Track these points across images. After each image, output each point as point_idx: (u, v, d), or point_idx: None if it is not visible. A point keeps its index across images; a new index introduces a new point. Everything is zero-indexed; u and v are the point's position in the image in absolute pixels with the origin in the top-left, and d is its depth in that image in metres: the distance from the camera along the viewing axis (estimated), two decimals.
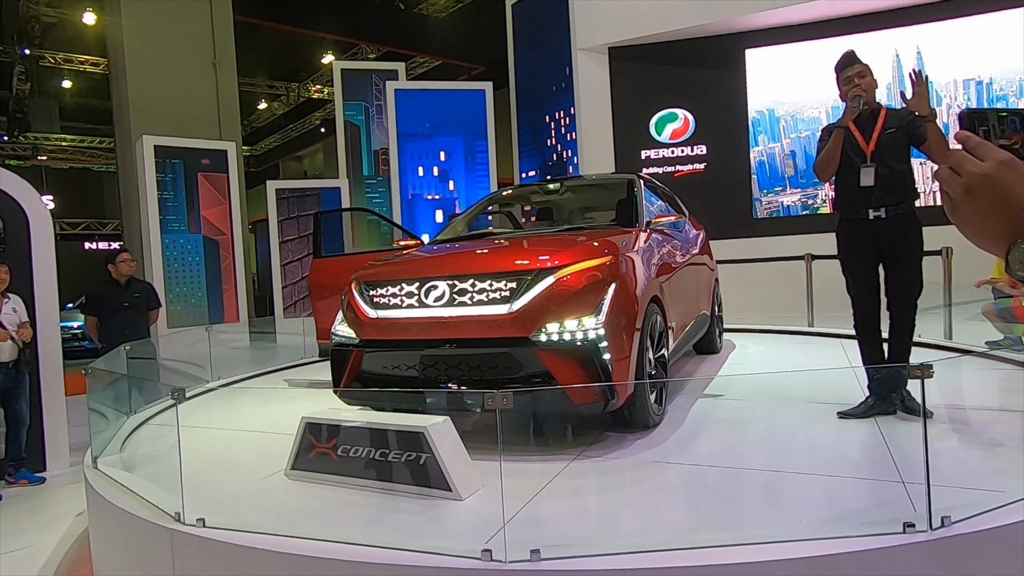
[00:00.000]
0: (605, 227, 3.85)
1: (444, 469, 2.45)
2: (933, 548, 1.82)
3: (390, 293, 3.13)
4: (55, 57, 16.34)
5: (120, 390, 4.16)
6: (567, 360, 2.78)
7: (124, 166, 12.49)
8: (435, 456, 2.46)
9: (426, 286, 3.04)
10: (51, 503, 4.27)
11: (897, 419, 3.04)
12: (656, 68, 8.86)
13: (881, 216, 3.09)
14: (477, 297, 2.92)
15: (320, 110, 20.77)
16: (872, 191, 3.10)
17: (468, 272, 3.01)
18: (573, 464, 2.77)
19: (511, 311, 2.82)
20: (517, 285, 2.87)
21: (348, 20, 15.06)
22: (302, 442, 2.78)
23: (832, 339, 5.48)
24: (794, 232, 8.21)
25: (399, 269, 3.34)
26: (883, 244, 3.13)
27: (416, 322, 3.01)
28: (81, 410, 3.79)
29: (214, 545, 2.19)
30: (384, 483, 2.54)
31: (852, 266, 3.27)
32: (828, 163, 3.18)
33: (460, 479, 2.46)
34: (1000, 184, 0.71)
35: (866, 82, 3.13)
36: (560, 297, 2.82)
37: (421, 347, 3.00)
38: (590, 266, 2.94)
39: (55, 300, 5.08)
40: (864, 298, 3.24)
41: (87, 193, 22.94)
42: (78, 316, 10.80)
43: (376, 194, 10.45)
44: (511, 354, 2.85)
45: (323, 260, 4.86)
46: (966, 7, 7.64)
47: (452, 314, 2.93)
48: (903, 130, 3.10)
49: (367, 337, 3.14)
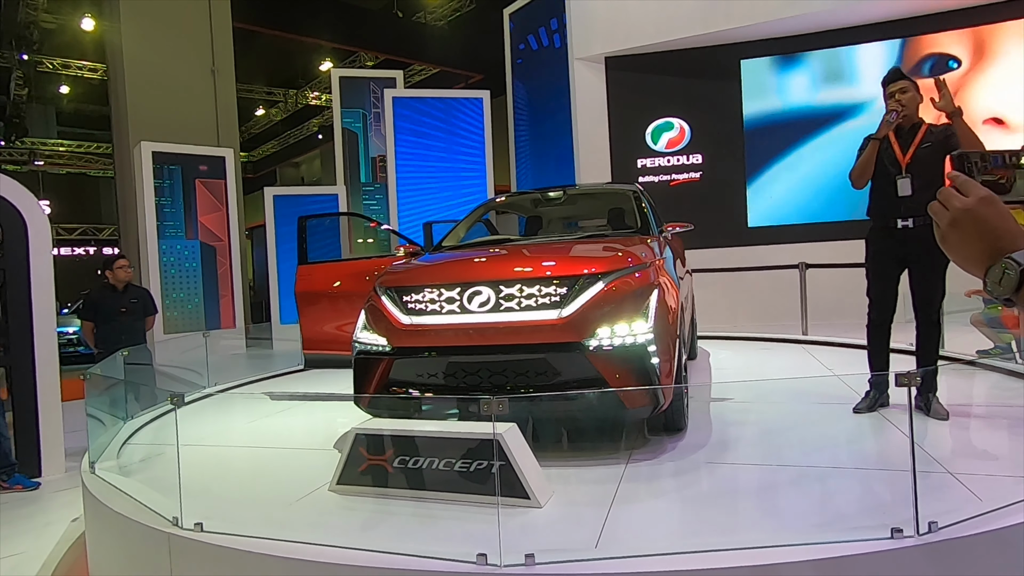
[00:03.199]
0: (623, 235, 3.85)
1: (521, 476, 2.39)
2: (920, 553, 1.85)
3: (427, 299, 3.02)
4: (53, 62, 16.37)
5: (117, 395, 4.18)
6: (620, 365, 2.77)
7: (121, 172, 12.50)
8: (510, 463, 2.39)
9: (469, 291, 2.95)
10: (47, 508, 4.27)
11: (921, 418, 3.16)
12: (652, 78, 8.94)
13: (909, 226, 3.23)
14: (525, 302, 2.87)
15: (318, 117, 20.84)
16: (905, 201, 3.23)
17: (515, 277, 2.96)
18: (629, 468, 2.78)
19: (562, 316, 2.80)
20: (567, 290, 2.85)
21: (346, 28, 15.14)
22: (350, 455, 2.64)
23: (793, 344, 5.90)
24: (789, 241, 8.28)
25: (435, 273, 3.23)
26: (910, 252, 3.27)
27: (459, 328, 2.92)
28: (76, 415, 3.80)
29: (212, 550, 2.20)
30: (451, 494, 2.46)
31: (876, 271, 3.41)
32: (863, 172, 3.34)
33: (536, 486, 2.42)
34: (980, 217, 0.84)
35: (907, 98, 3.27)
36: (611, 302, 2.83)
37: (462, 354, 2.92)
38: (634, 272, 2.97)
39: (52, 305, 5.09)
40: (882, 302, 3.41)
41: (84, 198, 22.93)
42: (74, 321, 10.79)
43: (374, 201, 10.48)
44: (561, 359, 2.81)
45: (309, 267, 4.64)
46: (961, 19, 7.74)
47: (498, 320, 2.87)
48: (939, 145, 3.22)
49: (401, 344, 3.00)
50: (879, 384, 3.36)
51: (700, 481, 2.68)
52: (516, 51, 9.98)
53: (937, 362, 3.34)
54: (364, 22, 15.53)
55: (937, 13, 7.79)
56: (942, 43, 7.92)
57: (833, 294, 6.28)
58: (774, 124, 8.65)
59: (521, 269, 3.08)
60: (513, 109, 10.09)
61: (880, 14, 7.92)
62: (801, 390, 4.14)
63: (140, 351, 5.34)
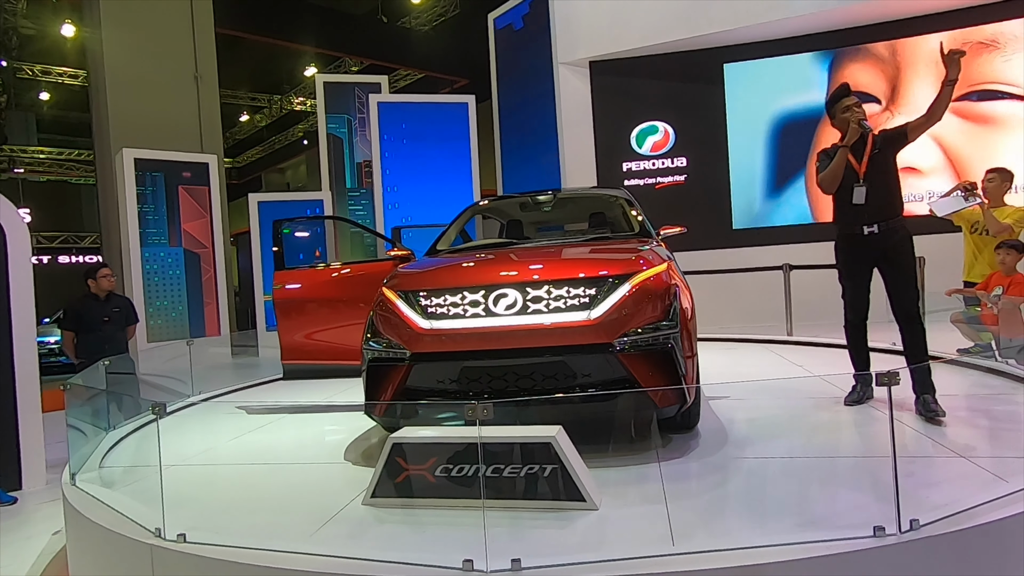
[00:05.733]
0: (623, 238, 3.87)
1: (576, 478, 2.35)
2: (902, 551, 1.87)
3: (449, 302, 2.96)
4: (33, 69, 16.18)
5: (99, 405, 4.12)
6: (650, 364, 2.79)
7: (103, 179, 12.36)
8: (565, 466, 2.35)
9: (494, 294, 2.92)
10: (28, 521, 4.20)
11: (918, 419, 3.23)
12: (636, 81, 9.00)
13: (875, 231, 3.40)
14: (554, 304, 2.85)
15: (303, 122, 20.76)
16: (864, 208, 3.40)
17: (543, 279, 2.93)
18: (664, 467, 2.80)
19: (591, 318, 2.80)
20: (596, 292, 2.86)
21: (331, 33, 15.12)
22: (387, 465, 2.53)
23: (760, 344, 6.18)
24: (773, 243, 8.35)
25: (456, 276, 3.17)
26: (878, 255, 3.44)
27: (485, 332, 2.86)
28: (58, 426, 3.74)
29: (195, 560, 2.18)
30: (501, 500, 2.37)
31: (849, 275, 3.60)
32: (834, 179, 3.47)
33: (591, 488, 2.37)
34: None
35: (862, 111, 3.46)
36: (638, 303, 2.85)
37: (487, 357, 2.86)
38: (656, 272, 2.99)
39: (32, 315, 5.02)
40: (856, 304, 3.60)
41: (65, 206, 22.65)
42: (55, 331, 10.64)
43: (359, 206, 10.45)
44: (591, 361, 2.80)
45: (287, 272, 4.44)
46: (941, 23, 7.86)
47: (525, 322, 2.83)
48: (887, 143, 3.43)
49: (421, 350, 2.91)
50: (863, 379, 3.56)
51: (740, 475, 2.72)
52: (501, 56, 10.00)
53: (928, 362, 3.41)
54: (349, 27, 15.51)
55: (922, 16, 7.90)
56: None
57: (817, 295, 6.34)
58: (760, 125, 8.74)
59: (548, 271, 3.03)
60: (498, 113, 10.11)
61: (863, 17, 8.03)
62: (788, 388, 4.21)
63: (123, 360, 5.28)
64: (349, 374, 4.09)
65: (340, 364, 4.16)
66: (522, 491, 2.39)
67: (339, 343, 4.16)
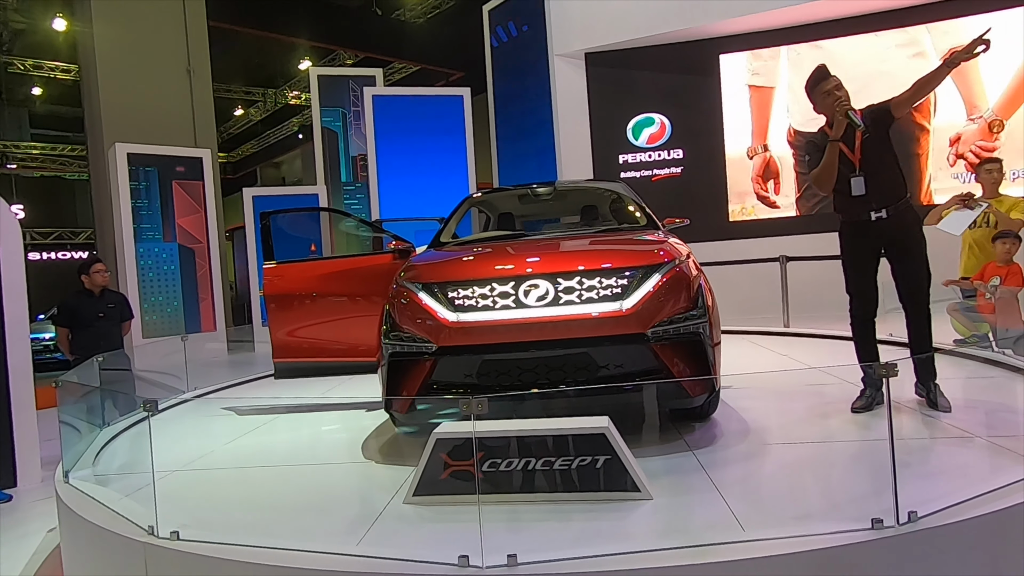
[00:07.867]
0: (634, 228, 3.84)
1: (630, 469, 2.33)
2: (900, 543, 1.86)
3: (478, 294, 2.90)
4: (24, 63, 16.06)
5: (93, 402, 4.09)
6: (683, 353, 2.80)
7: (97, 174, 12.29)
8: (619, 456, 2.33)
9: (524, 285, 2.88)
10: (23, 519, 4.18)
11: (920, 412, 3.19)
12: (632, 73, 8.95)
13: (883, 216, 3.21)
14: (586, 295, 2.84)
15: (297, 116, 20.65)
16: (868, 197, 3.21)
17: (574, 270, 2.90)
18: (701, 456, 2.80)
19: (624, 308, 2.79)
20: (628, 282, 2.85)
21: (325, 26, 15.02)
22: (429, 462, 2.47)
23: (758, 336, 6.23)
24: (769, 235, 8.34)
25: (481, 268, 3.09)
26: (886, 241, 3.26)
27: (516, 324, 2.82)
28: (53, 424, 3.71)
29: (189, 558, 2.16)
30: (553, 494, 2.36)
31: (854, 264, 3.37)
32: (828, 177, 3.28)
33: (644, 478, 2.36)
34: None
35: (844, 92, 3.21)
36: (669, 292, 2.85)
37: (517, 350, 2.81)
38: (682, 263, 3.00)
39: (25, 312, 4.99)
40: (864, 295, 3.36)
41: (59, 202, 22.53)
42: (48, 328, 10.59)
43: (355, 200, 10.41)
44: (624, 351, 2.80)
45: (279, 267, 4.23)
46: (936, 12, 7.83)
47: (558, 313, 2.81)
48: (876, 124, 3.20)
49: (449, 343, 2.86)
50: (874, 382, 3.28)
51: (782, 461, 2.72)
52: (495, 48, 9.94)
53: (932, 350, 3.30)
54: (343, 20, 15.42)
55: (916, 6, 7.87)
56: None
57: (813, 286, 6.33)
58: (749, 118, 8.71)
59: (579, 262, 2.98)
60: (494, 106, 10.06)
61: (859, 8, 8.00)
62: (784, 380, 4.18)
63: (118, 356, 5.24)
64: (345, 372, 4.01)
65: (335, 362, 4.02)
66: (574, 484, 2.36)
67: (334, 340, 4.02)
